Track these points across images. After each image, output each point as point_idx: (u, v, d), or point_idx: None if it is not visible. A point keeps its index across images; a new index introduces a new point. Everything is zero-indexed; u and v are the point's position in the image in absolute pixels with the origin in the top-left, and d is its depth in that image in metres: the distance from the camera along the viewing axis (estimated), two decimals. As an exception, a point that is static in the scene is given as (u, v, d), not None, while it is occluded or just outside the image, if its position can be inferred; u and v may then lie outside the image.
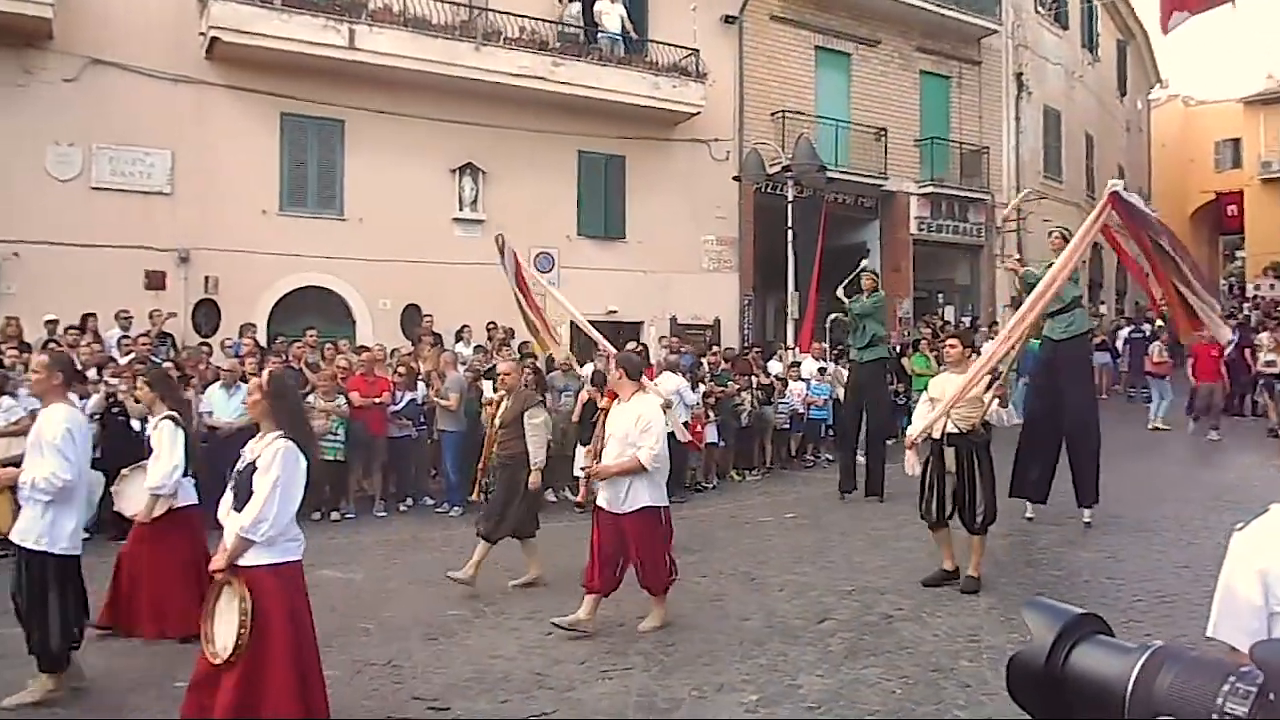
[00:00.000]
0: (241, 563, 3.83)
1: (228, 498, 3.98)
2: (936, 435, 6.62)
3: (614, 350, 7.55)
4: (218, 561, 3.87)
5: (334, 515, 9.68)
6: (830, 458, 13.46)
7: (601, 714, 4.59)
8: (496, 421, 7.21)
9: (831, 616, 6.14)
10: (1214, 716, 0.97)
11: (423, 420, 10.45)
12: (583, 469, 7.17)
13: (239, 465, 4.02)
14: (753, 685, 4.94)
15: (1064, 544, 8.04)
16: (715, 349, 14.12)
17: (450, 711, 4.62)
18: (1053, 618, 1.15)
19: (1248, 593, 1.74)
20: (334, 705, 4.67)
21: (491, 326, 13.22)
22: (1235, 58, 69.55)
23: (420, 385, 10.53)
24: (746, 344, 16.52)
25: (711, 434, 11.80)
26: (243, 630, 3.69)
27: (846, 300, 10.65)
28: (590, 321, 8.78)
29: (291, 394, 4.45)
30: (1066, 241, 7.87)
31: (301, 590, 4.03)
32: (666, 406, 6.82)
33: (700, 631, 5.88)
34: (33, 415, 5.67)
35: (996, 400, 6.56)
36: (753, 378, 12.61)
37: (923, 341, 15.36)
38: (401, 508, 10.31)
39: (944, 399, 6.47)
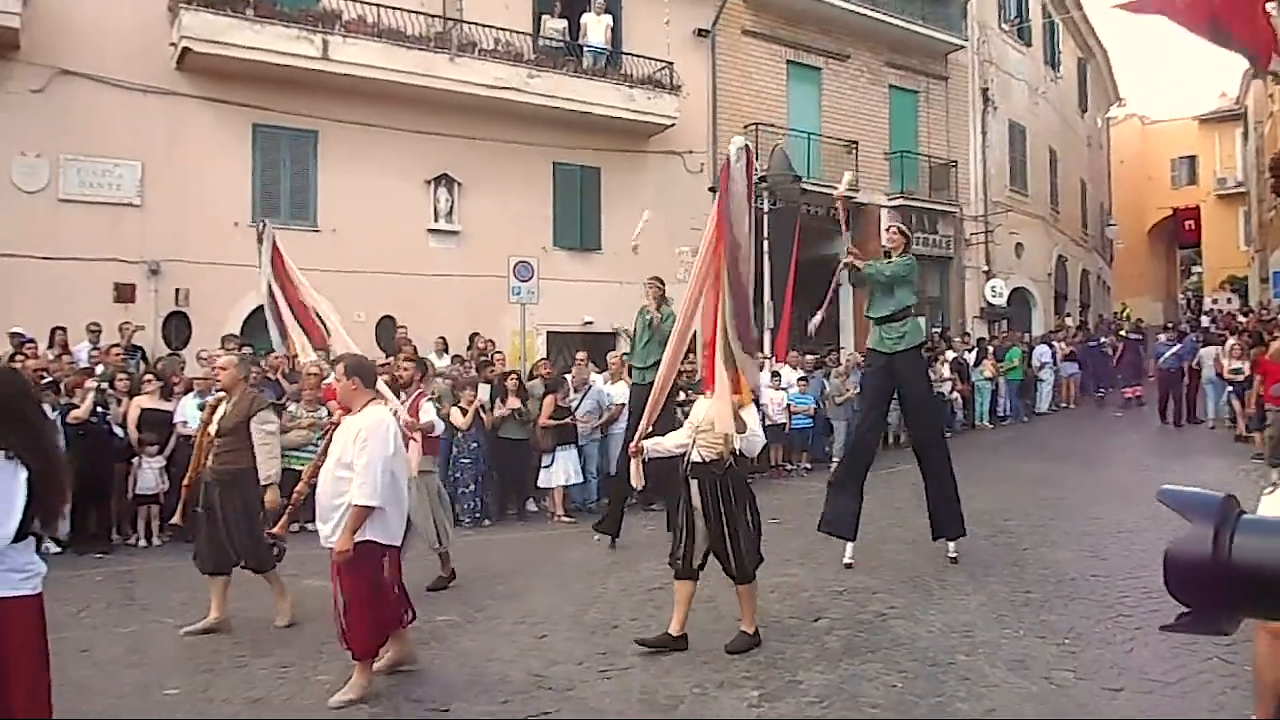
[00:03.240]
0: None
1: None
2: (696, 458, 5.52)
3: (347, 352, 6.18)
4: None
5: (314, 527, 9.53)
6: (809, 466, 13.53)
7: (605, 713, 4.55)
8: (212, 428, 6.18)
9: (825, 615, 6.15)
10: None
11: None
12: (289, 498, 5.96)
13: None
14: (753, 682, 4.93)
15: (1046, 544, 8.12)
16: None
17: (450, 712, 4.56)
18: (1203, 505, 1.11)
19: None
20: (329, 711, 4.62)
21: (475, 337, 13.17)
22: (1190, 76, 71.41)
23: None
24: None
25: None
26: None
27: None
28: (566, 333, 8.51)
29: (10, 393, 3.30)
30: (904, 235, 7.63)
31: (34, 630, 3.15)
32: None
33: (695, 631, 5.83)
34: None
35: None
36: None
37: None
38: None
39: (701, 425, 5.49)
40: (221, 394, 6.33)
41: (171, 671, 5.23)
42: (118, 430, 9.08)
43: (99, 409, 8.85)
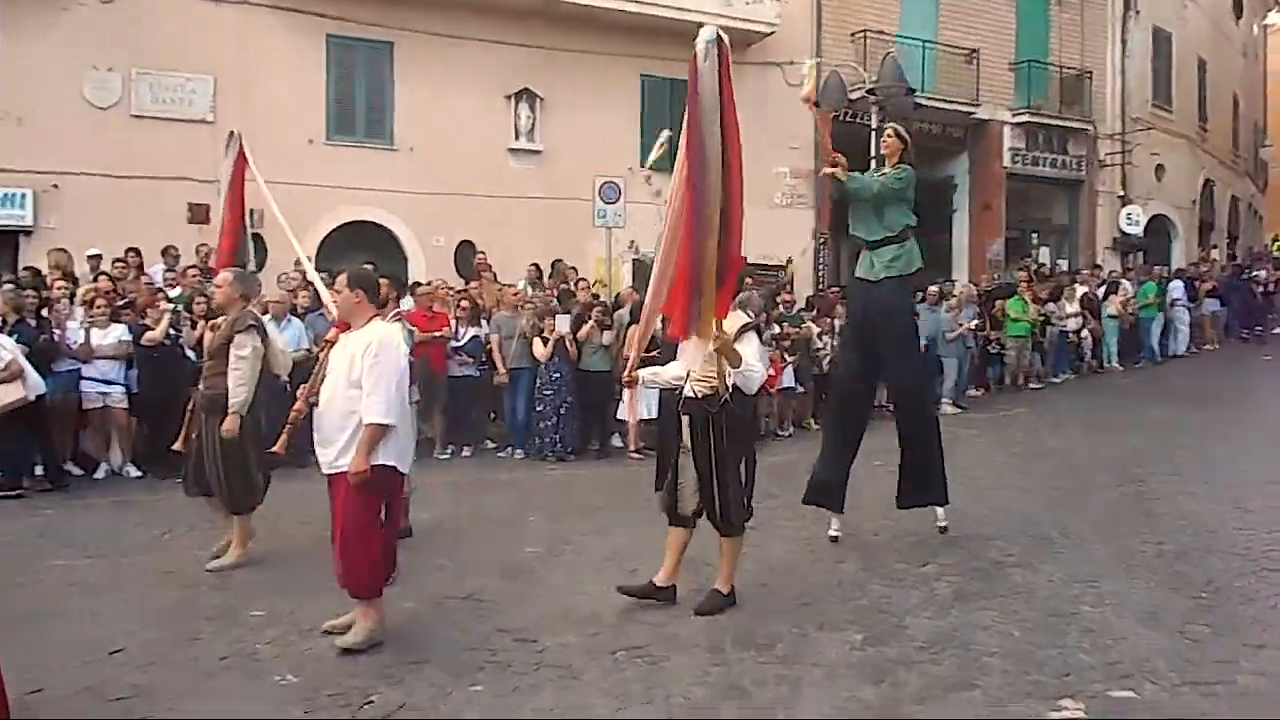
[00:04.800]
0: None
1: None
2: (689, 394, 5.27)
3: (326, 290, 6.41)
4: None
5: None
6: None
7: (699, 649, 4.64)
8: (205, 351, 6.21)
9: (934, 561, 6.12)
10: None
11: (484, 360, 10.56)
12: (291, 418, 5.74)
13: None
14: (856, 625, 4.96)
15: (1182, 494, 7.90)
16: (787, 289, 14.07)
17: (539, 644, 4.71)
18: None
19: None
20: (415, 636, 4.82)
21: (558, 264, 13.30)
22: (1369, -26, 66.22)
23: (483, 323, 10.64)
24: (822, 286, 16.39)
25: (788, 378, 11.76)
26: None
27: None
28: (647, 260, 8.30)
29: None
30: (901, 141, 6.52)
31: None
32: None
33: (793, 574, 5.91)
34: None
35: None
36: (834, 320, 12.49)
37: (1021, 283, 15.06)
38: (465, 452, 10.48)
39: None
40: (220, 315, 6.32)
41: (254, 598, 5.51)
42: (190, 354, 9.46)
43: (173, 330, 9.21)
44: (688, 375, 5.27)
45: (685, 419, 5.24)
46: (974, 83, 18.60)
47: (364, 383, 4.57)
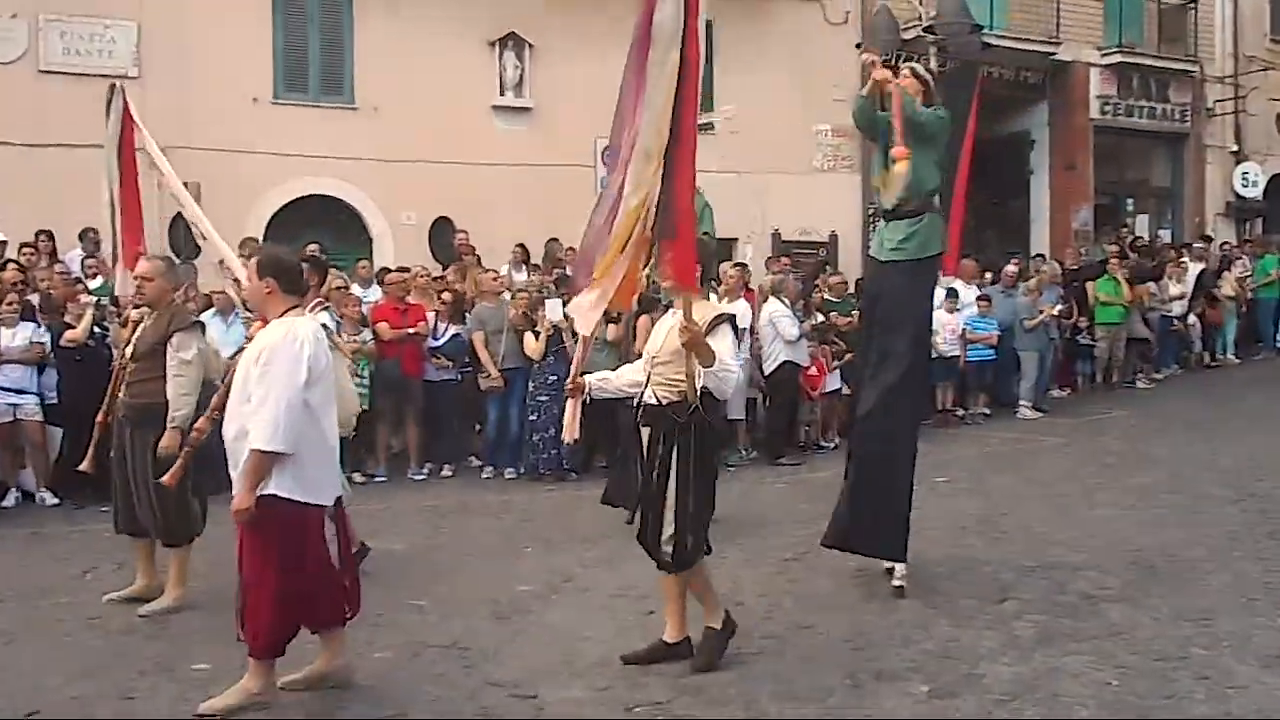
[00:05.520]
0: None
1: None
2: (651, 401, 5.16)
3: (239, 269, 6.27)
4: None
5: (358, 477, 9.87)
6: (987, 410, 13.37)
7: (729, 703, 4.66)
8: (128, 351, 6.24)
9: (1013, 596, 6.15)
10: None
11: (466, 362, 10.58)
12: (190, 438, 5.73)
13: None
14: (920, 674, 4.97)
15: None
16: (830, 270, 14.05)
17: (538, 699, 4.74)
18: None
19: None
20: (390, 691, 4.86)
21: (553, 243, 13.37)
22: None
23: (466, 318, 10.67)
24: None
25: (833, 381, 11.77)
26: None
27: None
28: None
29: None
30: (922, 81, 6.20)
31: None
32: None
33: (843, 613, 5.93)
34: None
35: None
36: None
37: (1110, 260, 15.03)
38: (446, 470, 10.51)
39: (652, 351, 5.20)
40: (144, 309, 6.26)
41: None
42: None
43: (97, 329, 9.27)
44: (648, 378, 5.17)
45: (645, 431, 5.15)
46: (1054, 17, 18.55)
47: (253, 396, 4.53)
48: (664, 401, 5.04)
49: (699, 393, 4.98)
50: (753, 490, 9.59)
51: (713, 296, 5.59)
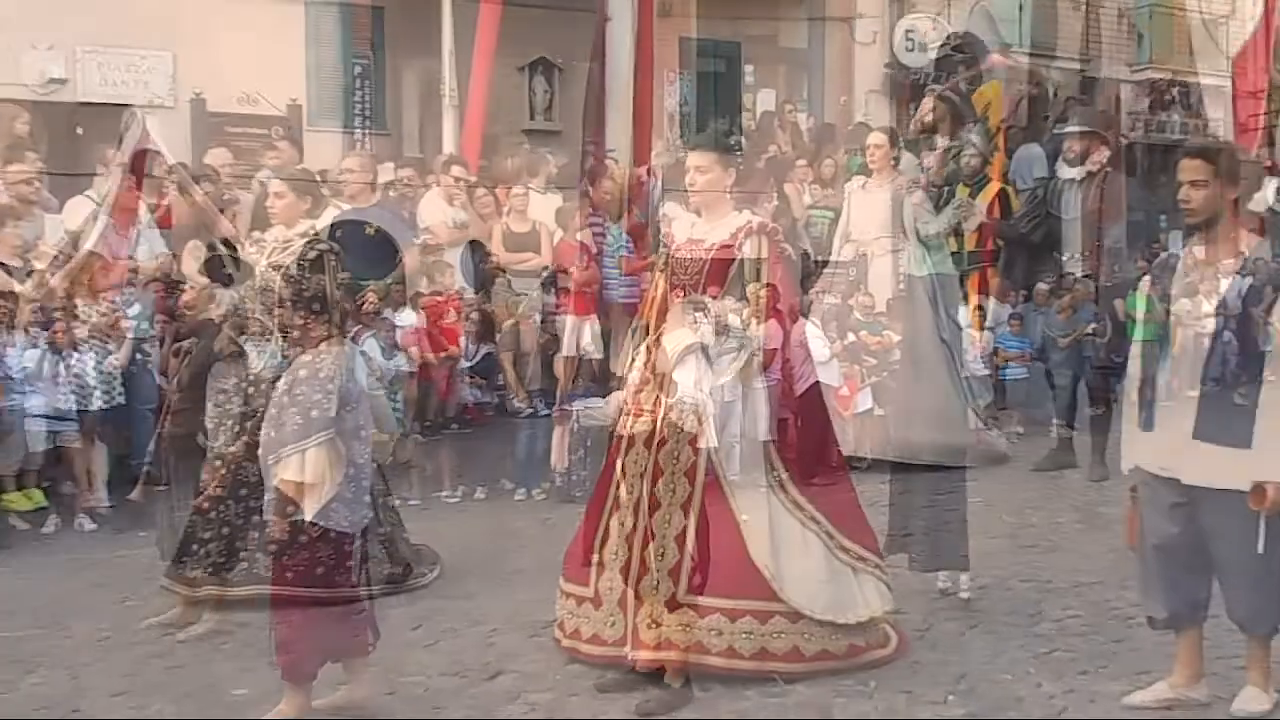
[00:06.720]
0: None
1: None
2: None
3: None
4: None
5: (394, 501, 9.90)
6: (1020, 429, 13.26)
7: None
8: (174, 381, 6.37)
9: (1055, 613, 6.15)
10: None
11: (500, 382, 10.60)
12: None
13: None
14: (958, 698, 4.95)
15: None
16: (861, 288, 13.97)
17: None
18: None
19: None
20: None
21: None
22: None
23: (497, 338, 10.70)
24: (902, 284, 16.31)
25: (865, 400, 11.71)
26: None
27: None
28: (689, 259, 7.63)
29: None
30: (948, 104, 5.92)
31: None
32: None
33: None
34: None
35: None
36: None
37: (1144, 278, 14.90)
38: (479, 493, 10.50)
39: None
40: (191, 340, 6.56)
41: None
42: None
43: (138, 355, 9.31)
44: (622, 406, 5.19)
45: (619, 465, 5.15)
46: (1084, 33, 18.51)
47: (284, 426, 4.60)
48: (635, 431, 5.13)
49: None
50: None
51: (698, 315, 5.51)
